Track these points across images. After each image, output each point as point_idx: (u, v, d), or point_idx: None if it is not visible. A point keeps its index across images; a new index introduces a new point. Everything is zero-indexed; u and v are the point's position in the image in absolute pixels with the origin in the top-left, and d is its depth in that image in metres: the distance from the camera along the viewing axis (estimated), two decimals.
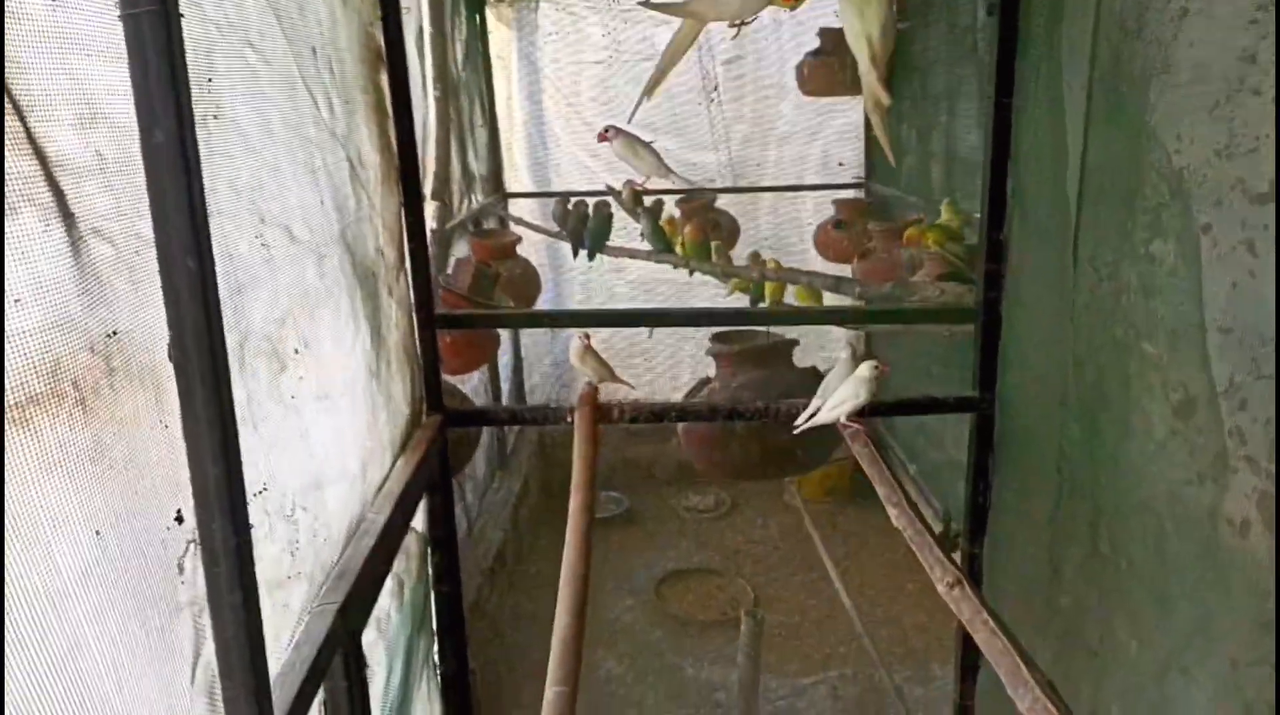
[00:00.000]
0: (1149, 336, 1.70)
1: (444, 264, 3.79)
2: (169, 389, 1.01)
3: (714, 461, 3.11)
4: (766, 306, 3.64)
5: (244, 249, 1.33)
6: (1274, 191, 1.35)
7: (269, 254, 1.41)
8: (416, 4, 3.71)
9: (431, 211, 3.67)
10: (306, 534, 1.47)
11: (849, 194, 5.20)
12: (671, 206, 4.43)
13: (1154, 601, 1.72)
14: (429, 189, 3.74)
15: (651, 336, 5.31)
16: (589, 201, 4.28)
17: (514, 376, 5.51)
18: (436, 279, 3.20)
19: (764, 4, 2.25)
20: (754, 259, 3.68)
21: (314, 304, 1.59)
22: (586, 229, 4.17)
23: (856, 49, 2.19)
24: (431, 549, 2.30)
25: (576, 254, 4.28)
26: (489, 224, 4.84)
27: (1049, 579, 2.14)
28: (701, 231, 3.78)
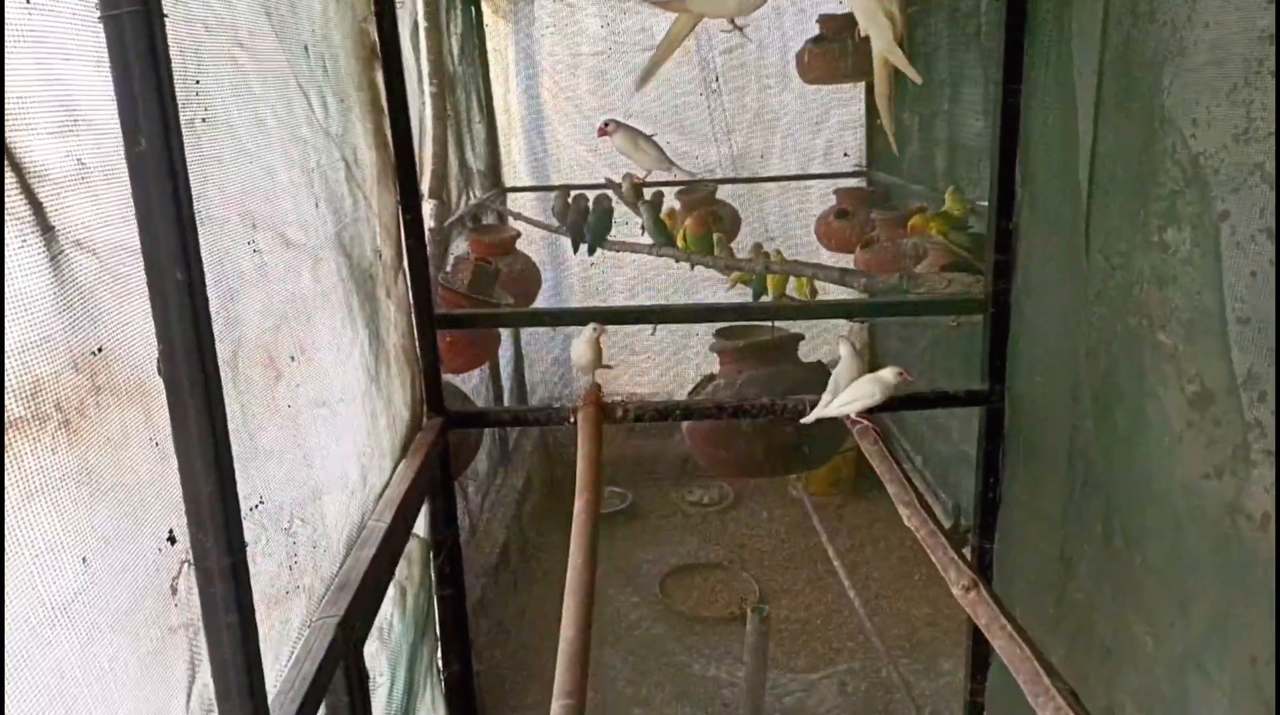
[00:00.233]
0: (1163, 326, 1.67)
1: (443, 262, 3.75)
2: (159, 405, 0.97)
3: (719, 459, 3.08)
4: (770, 300, 3.60)
5: (236, 255, 1.29)
6: None
7: (262, 260, 1.37)
8: None
9: (429, 209, 3.63)
10: (305, 546, 1.44)
11: (851, 183, 5.16)
12: (672, 198, 4.39)
13: (1170, 598, 1.69)
14: (426, 187, 3.70)
15: (655, 333, 5.27)
16: (589, 195, 4.24)
17: (515, 373, 5.48)
18: (435, 278, 3.16)
19: (760, 3, 2.21)
20: (756, 251, 3.63)
21: (310, 309, 1.56)
22: (586, 223, 4.13)
23: (874, 28, 2.13)
24: (434, 553, 2.27)
25: (577, 249, 4.24)
26: (488, 219, 4.80)
27: (1061, 574, 2.11)
28: (703, 224, 3.73)
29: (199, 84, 1.24)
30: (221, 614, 1.01)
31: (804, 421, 2.23)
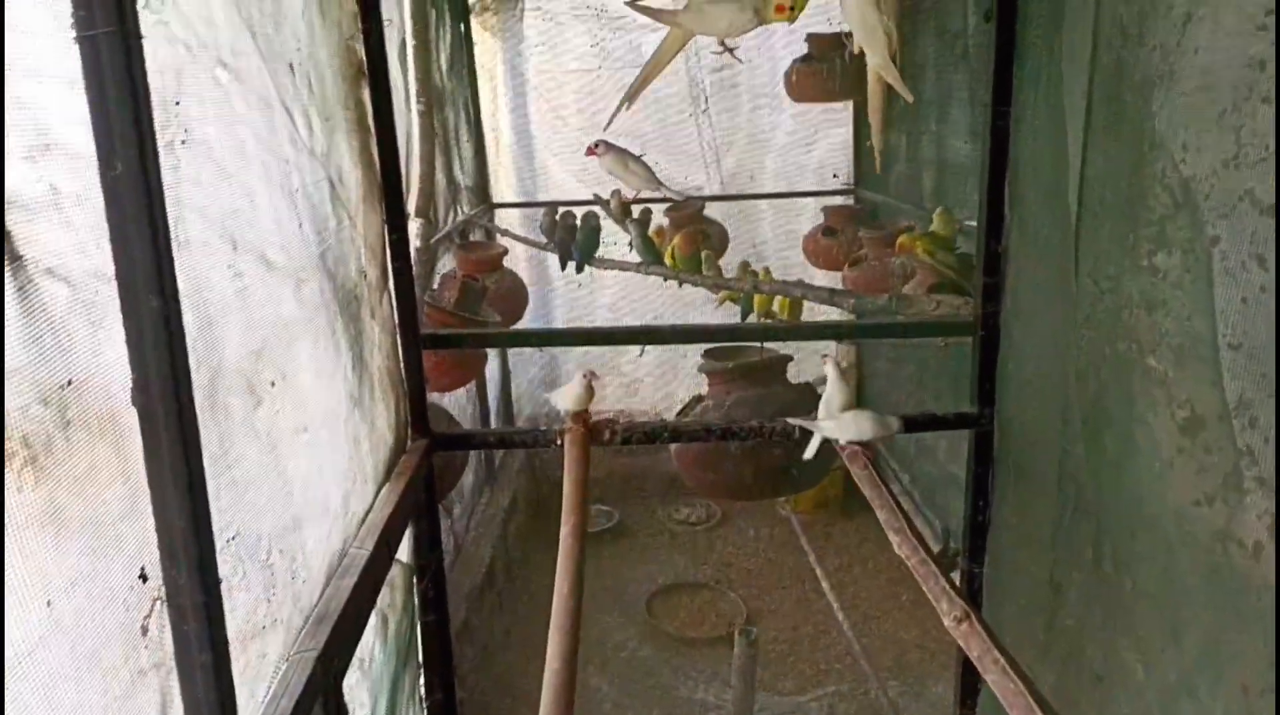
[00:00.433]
0: (1153, 351, 1.66)
1: (429, 281, 3.72)
2: (131, 438, 0.94)
3: (707, 481, 3.05)
4: (757, 319, 3.59)
5: (215, 280, 1.26)
6: None
7: (242, 283, 1.34)
8: (399, 16, 3.65)
9: (416, 228, 3.60)
10: (284, 577, 1.40)
11: (838, 200, 5.17)
12: (660, 216, 4.38)
13: (1161, 624, 1.67)
14: (413, 205, 3.67)
15: (643, 354, 5.26)
16: (576, 212, 4.23)
17: (501, 392, 5.44)
18: (421, 298, 3.13)
19: (752, 25, 2.20)
20: (743, 269, 3.63)
21: (292, 334, 1.52)
22: (574, 240, 4.11)
23: (870, 43, 2.12)
24: (417, 578, 2.23)
25: (565, 266, 4.22)
26: (475, 236, 4.77)
27: (1051, 599, 2.09)
28: (692, 243, 3.73)
29: (178, 105, 1.21)
30: (195, 653, 0.98)
31: (806, 457, 2.20)
